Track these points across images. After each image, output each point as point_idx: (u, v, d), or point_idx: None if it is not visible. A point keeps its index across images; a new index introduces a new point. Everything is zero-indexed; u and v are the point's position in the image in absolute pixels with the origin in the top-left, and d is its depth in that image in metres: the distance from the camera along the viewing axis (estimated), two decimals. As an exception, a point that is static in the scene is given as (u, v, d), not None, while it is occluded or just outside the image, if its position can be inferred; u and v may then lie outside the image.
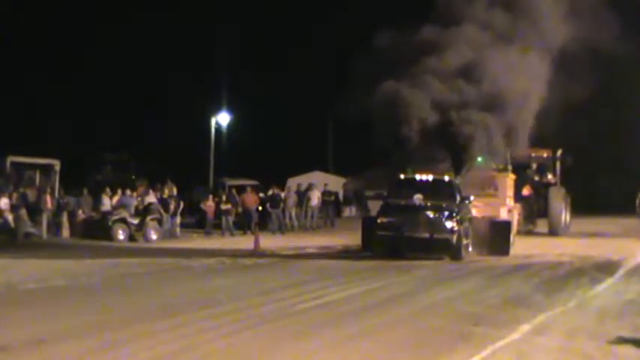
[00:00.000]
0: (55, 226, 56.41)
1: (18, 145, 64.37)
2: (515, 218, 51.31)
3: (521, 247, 48.14)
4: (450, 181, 45.62)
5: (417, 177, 46.28)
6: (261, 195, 65.94)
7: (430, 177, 45.88)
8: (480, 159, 49.31)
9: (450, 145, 48.18)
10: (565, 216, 60.66)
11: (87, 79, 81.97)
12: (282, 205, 65.97)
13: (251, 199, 64.00)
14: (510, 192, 50.84)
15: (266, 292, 29.49)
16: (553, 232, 59.88)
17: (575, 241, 46.58)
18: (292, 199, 67.45)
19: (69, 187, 61.70)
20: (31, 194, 57.22)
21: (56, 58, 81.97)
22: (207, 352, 19.03)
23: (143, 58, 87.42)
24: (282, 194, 67.51)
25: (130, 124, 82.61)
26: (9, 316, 24.30)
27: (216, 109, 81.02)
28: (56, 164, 61.36)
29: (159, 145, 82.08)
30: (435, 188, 44.94)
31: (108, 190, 59.39)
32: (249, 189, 66.67)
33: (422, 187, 44.98)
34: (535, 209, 60.54)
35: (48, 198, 56.07)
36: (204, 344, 20.02)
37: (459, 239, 42.50)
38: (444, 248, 42.39)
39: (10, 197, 54.35)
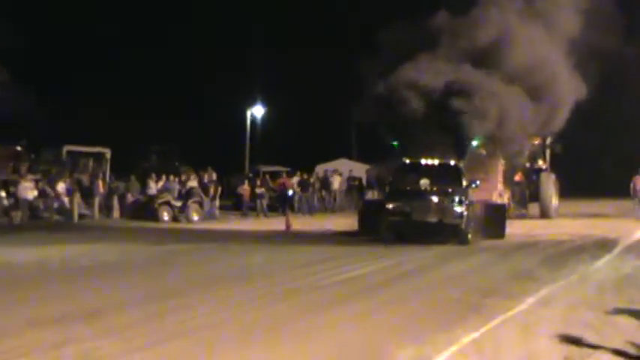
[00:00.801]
0: (106, 209, 56.78)
1: (73, 135, 64.60)
2: (505, 202, 48.66)
3: (521, 228, 46.65)
4: (455, 166, 42.10)
5: (423, 161, 42.82)
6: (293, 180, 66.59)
7: (436, 161, 42.51)
8: (475, 142, 45.57)
9: (452, 128, 44.07)
10: (555, 200, 58.87)
11: (134, 75, 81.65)
12: (310, 189, 66.57)
13: (286, 184, 64.64)
14: (500, 177, 48.32)
15: (296, 268, 29.77)
16: (545, 215, 57.63)
17: (575, 222, 46.41)
18: (317, 184, 68.18)
19: (119, 174, 62.12)
20: (85, 179, 57.66)
21: (104, 57, 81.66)
22: (247, 323, 19.05)
23: (186, 57, 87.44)
24: (311, 179, 68.24)
25: (173, 117, 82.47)
26: (64, 290, 24.38)
27: (251, 103, 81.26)
28: (107, 152, 62.72)
29: (200, 135, 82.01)
30: (441, 173, 41.74)
31: (153, 175, 59.68)
32: (284, 174, 67.59)
33: (428, 171, 41.89)
34: (527, 194, 58.75)
35: (100, 183, 56.76)
36: (243, 315, 20.02)
37: (467, 224, 39.69)
38: (453, 233, 39.42)
39: (66, 182, 54.54)
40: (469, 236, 39.56)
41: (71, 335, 17.02)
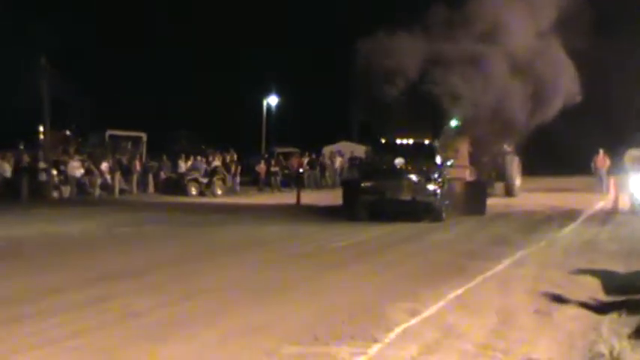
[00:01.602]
0: (142, 185, 57.24)
1: (115, 121, 64.98)
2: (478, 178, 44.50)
3: (496, 203, 44.25)
4: (430, 145, 38.23)
5: (398, 141, 39.10)
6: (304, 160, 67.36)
7: (410, 140, 38.78)
8: (453, 123, 41.86)
9: (431, 107, 39.98)
10: (518, 180, 55.92)
11: (166, 69, 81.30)
12: (317, 167, 67.36)
13: (296, 163, 65.15)
14: (467, 156, 43.31)
15: (304, 235, 30.00)
16: (509, 194, 53.40)
17: (543, 196, 46.19)
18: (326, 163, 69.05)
19: (153, 154, 62.77)
20: (125, 160, 58.21)
21: (141, 51, 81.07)
22: (267, 278, 19.30)
23: (212, 53, 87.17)
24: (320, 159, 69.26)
25: (200, 106, 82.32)
26: (108, 253, 24.57)
27: (266, 93, 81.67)
28: (143, 136, 65.28)
29: (223, 121, 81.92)
30: (415, 152, 37.76)
31: (183, 156, 60.43)
32: (296, 155, 68.41)
33: (403, 150, 37.92)
34: (493, 175, 54.36)
35: (137, 163, 57.80)
36: (264, 272, 20.35)
37: (440, 201, 35.89)
38: (426, 210, 35.42)
39: (108, 162, 55.13)
40: (443, 214, 35.84)
41: (114, 291, 17.18)
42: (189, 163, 59.70)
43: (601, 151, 52.68)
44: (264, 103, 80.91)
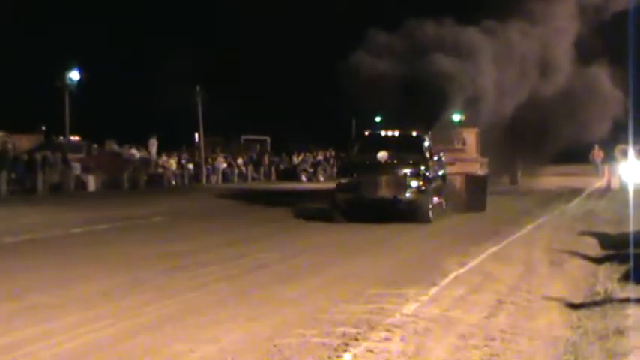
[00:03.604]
0: (267, 175, 58.25)
1: (249, 128, 65.74)
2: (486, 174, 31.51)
3: (514, 188, 41.39)
4: (418, 137, 26.99)
5: (383, 133, 27.92)
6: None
7: (396, 133, 27.38)
8: (456, 117, 32.35)
9: (429, 96, 29.86)
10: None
11: (287, 85, 78.53)
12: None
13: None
14: (477, 147, 30.86)
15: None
16: (512, 183, 43.07)
17: (551, 179, 45.01)
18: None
19: (275, 152, 63.64)
20: (255, 156, 59.70)
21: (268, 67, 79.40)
22: (354, 239, 19.20)
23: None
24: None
25: (311, 116, 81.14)
26: (241, 222, 24.67)
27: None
28: (267, 139, 67.57)
29: (325, 128, 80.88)
30: (402, 145, 26.48)
31: (296, 153, 61.74)
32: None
33: (388, 143, 26.39)
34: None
35: (265, 158, 59.03)
36: (352, 235, 20.22)
37: (427, 200, 24.54)
38: (410, 210, 24.26)
39: (243, 158, 56.90)
40: (430, 213, 24.39)
41: (247, 250, 17.20)
42: (301, 157, 61.09)
43: (596, 146, 52.01)
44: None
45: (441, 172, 26.67)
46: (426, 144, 26.25)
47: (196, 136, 58.36)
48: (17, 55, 61.44)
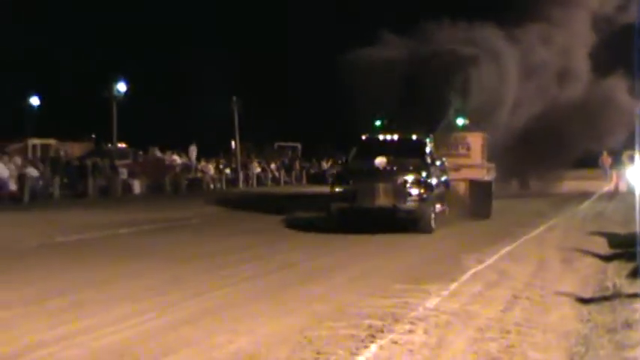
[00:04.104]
0: (299, 178, 58.36)
1: (280, 135, 65.96)
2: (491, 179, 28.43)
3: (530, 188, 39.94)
4: (418, 141, 23.35)
5: (381, 137, 24.17)
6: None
7: (395, 137, 23.87)
8: (460, 120, 28.01)
9: (432, 99, 26.93)
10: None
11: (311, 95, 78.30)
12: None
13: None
14: (482, 151, 27.88)
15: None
16: (523, 187, 39.62)
17: (565, 183, 44.32)
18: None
19: (305, 158, 63.83)
20: (287, 161, 59.90)
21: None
22: (378, 240, 19.19)
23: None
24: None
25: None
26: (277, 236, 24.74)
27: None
28: (299, 145, 68.64)
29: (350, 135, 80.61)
30: (401, 149, 22.85)
31: (325, 159, 61.92)
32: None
33: (386, 148, 22.83)
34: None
35: (296, 163, 59.45)
36: (376, 235, 20.21)
37: (428, 208, 21.07)
38: (411, 220, 20.87)
39: (276, 163, 57.07)
40: (432, 223, 21.03)
41: (275, 250, 17.19)
42: (329, 163, 60.94)
43: (605, 152, 51.62)
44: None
45: (443, 178, 23.45)
46: (428, 148, 22.95)
47: (233, 142, 58.71)
48: (69, 67, 61.92)
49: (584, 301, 11.21)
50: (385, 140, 23.69)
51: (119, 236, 20.79)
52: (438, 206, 21.96)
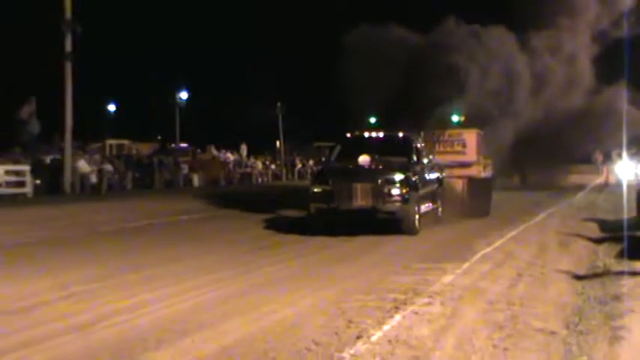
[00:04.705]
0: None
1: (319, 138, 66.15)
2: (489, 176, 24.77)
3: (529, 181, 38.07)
4: (404, 138, 19.18)
5: (366, 134, 20.00)
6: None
7: (381, 134, 19.86)
8: (455, 118, 25.34)
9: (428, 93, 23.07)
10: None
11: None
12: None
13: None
14: (478, 148, 23.07)
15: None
16: (522, 182, 37.01)
17: (561, 176, 43.71)
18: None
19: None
20: (324, 159, 59.92)
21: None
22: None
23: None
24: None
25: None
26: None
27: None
28: (337, 146, 65.36)
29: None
30: (387, 147, 18.78)
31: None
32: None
33: (372, 146, 18.56)
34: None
35: None
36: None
37: (411, 209, 16.97)
38: (392, 221, 16.93)
39: (315, 160, 56.85)
40: (416, 224, 17.03)
41: (310, 235, 17.14)
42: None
43: (597, 150, 51.14)
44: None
45: (435, 176, 19.54)
46: (415, 146, 18.81)
47: (277, 142, 59.07)
48: (139, 79, 62.43)
49: (579, 277, 11.17)
50: (370, 137, 19.54)
51: (180, 222, 20.88)
52: (425, 206, 18.02)
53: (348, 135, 20.37)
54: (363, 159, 17.43)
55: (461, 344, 7.33)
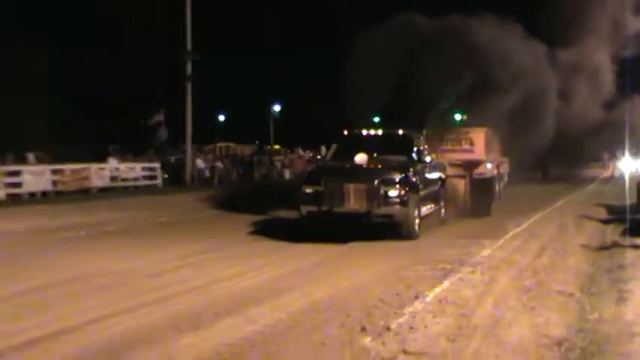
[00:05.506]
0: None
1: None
2: (506, 172, 22.63)
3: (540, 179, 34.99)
4: (404, 136, 14.05)
5: (364, 132, 14.64)
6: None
7: (380, 132, 14.69)
8: (457, 117, 18.71)
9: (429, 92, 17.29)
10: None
11: None
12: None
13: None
14: (486, 147, 18.68)
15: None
16: (545, 177, 33.00)
17: (578, 171, 42.57)
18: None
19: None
20: None
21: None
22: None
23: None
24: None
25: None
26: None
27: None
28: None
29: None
30: (386, 146, 13.82)
31: None
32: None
33: (370, 145, 13.59)
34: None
35: None
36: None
37: (409, 212, 12.15)
38: (389, 225, 12.09)
39: None
40: (415, 228, 12.43)
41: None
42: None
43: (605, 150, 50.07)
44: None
45: (437, 175, 14.82)
46: (416, 144, 14.02)
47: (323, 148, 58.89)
48: (242, 94, 62.94)
49: (591, 250, 11.01)
50: (369, 136, 14.66)
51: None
52: (426, 208, 13.56)
53: (346, 133, 15.10)
54: (360, 158, 12.98)
55: (497, 304, 7.29)
